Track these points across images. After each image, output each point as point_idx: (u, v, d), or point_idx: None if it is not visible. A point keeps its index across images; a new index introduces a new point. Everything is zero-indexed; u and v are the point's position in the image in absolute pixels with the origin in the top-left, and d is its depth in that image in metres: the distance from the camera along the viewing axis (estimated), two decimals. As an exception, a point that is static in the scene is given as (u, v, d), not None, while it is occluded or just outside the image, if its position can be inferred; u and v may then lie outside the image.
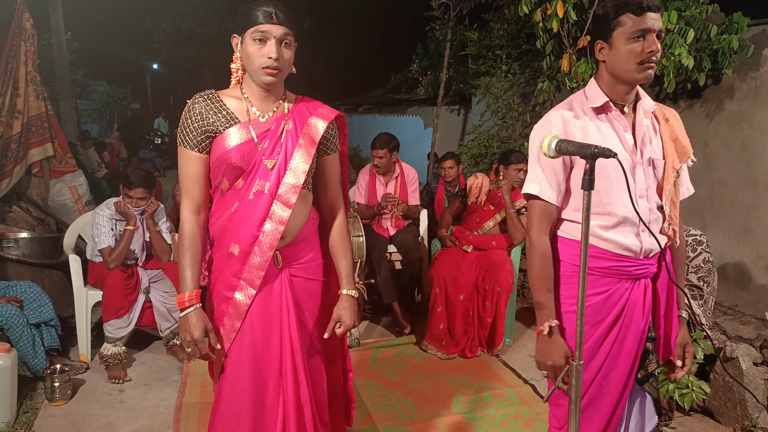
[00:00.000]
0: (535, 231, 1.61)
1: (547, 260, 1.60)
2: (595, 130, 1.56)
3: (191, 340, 1.58)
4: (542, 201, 1.59)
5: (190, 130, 1.61)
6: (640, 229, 1.58)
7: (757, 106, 3.77)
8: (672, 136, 1.62)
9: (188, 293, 1.60)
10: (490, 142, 5.78)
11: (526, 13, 4.32)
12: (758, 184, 3.78)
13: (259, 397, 1.65)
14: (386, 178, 4.37)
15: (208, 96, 1.65)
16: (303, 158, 1.65)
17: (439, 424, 2.77)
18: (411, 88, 11.61)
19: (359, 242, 3.67)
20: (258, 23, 1.54)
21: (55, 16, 8.48)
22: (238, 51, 1.63)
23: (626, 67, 1.49)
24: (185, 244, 1.63)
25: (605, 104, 1.56)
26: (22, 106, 4.72)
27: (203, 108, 1.61)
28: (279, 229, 1.61)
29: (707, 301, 2.83)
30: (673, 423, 2.76)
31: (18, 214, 4.57)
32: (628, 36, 1.47)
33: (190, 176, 1.64)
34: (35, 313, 3.21)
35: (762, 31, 3.74)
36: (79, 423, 2.80)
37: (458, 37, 6.55)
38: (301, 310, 1.73)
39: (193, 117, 1.61)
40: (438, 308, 3.67)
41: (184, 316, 1.59)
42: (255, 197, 1.61)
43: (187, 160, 1.63)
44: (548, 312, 1.58)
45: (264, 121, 1.64)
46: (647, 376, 1.68)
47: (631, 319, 1.61)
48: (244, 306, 1.62)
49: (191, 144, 1.61)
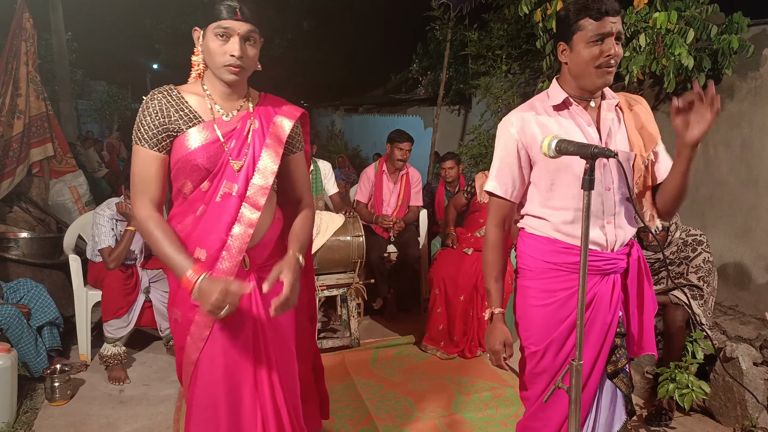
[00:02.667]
0: (489, 224, 1.72)
1: (497, 251, 1.71)
2: (557, 127, 1.58)
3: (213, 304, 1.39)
4: (497, 197, 1.68)
5: (148, 128, 1.51)
6: (605, 221, 1.60)
7: (757, 106, 3.77)
8: (637, 125, 1.62)
9: (189, 272, 1.45)
10: (490, 142, 5.78)
11: (526, 13, 4.32)
12: (758, 184, 3.78)
13: (236, 404, 1.59)
14: (393, 176, 4.40)
15: (167, 92, 1.55)
16: (271, 158, 1.58)
17: (439, 424, 2.77)
18: (411, 88, 11.62)
19: (359, 242, 3.68)
20: (221, 18, 1.46)
21: (55, 16, 8.49)
22: (199, 45, 1.55)
23: (585, 70, 1.52)
24: (160, 233, 1.49)
25: (565, 100, 1.59)
26: (24, 106, 4.73)
27: (163, 105, 1.52)
28: (248, 232, 1.53)
29: (707, 301, 2.83)
30: (673, 423, 2.76)
31: (18, 214, 4.57)
32: (587, 40, 1.50)
33: (148, 176, 1.53)
34: (41, 313, 3.22)
35: (762, 31, 3.73)
36: (79, 423, 2.80)
37: (458, 37, 6.56)
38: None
39: (152, 114, 1.51)
40: (438, 309, 3.67)
41: (198, 286, 1.42)
42: (222, 200, 1.54)
43: (145, 159, 1.52)
44: (493, 300, 1.72)
45: (228, 120, 1.56)
46: (617, 371, 1.69)
47: (597, 314, 1.64)
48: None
49: (150, 142, 1.51)
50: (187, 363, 1.58)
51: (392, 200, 4.43)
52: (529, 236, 1.70)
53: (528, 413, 1.75)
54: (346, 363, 3.48)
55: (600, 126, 1.60)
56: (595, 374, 1.67)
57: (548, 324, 1.65)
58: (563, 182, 1.58)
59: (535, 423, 1.73)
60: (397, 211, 4.40)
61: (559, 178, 1.59)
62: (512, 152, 1.63)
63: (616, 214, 1.61)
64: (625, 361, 1.69)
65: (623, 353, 1.69)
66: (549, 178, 1.60)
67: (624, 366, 1.69)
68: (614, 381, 1.70)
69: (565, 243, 1.62)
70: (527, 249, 1.70)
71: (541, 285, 1.66)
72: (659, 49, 3.70)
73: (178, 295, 1.59)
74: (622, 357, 1.68)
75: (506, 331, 1.68)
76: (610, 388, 1.74)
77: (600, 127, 1.60)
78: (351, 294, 3.68)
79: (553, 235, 1.63)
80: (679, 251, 2.92)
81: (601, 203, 1.58)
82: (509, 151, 1.64)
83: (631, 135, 1.61)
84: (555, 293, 1.64)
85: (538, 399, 1.69)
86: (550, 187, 1.61)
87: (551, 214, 1.62)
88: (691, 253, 2.89)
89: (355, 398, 3.03)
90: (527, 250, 1.69)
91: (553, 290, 1.64)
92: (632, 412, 1.76)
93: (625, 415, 1.76)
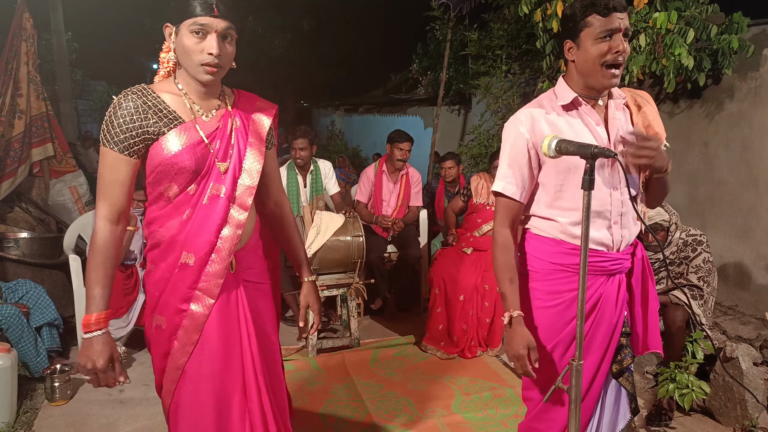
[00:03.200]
0: (498, 225, 1.65)
1: (509, 252, 1.64)
2: (567, 127, 1.57)
3: (92, 369, 1.41)
4: (505, 197, 1.63)
5: (120, 131, 1.42)
6: (612, 222, 1.60)
7: (757, 106, 3.77)
8: (644, 124, 1.62)
9: (95, 315, 1.42)
10: (490, 142, 5.79)
11: (526, 13, 4.32)
12: (758, 184, 3.78)
13: (225, 410, 1.56)
14: (393, 176, 4.40)
15: (142, 91, 1.46)
16: (255, 157, 1.55)
17: (439, 424, 2.77)
18: (411, 88, 11.62)
19: (359, 242, 3.68)
20: (196, 15, 1.38)
21: (55, 16, 8.48)
22: (171, 42, 1.47)
23: (593, 68, 1.51)
24: (97, 258, 1.44)
25: (574, 100, 1.58)
26: (25, 106, 4.73)
27: (138, 105, 1.43)
28: (237, 233, 1.51)
29: (707, 301, 2.83)
30: (673, 423, 2.76)
31: (18, 214, 4.57)
32: (595, 36, 1.49)
33: (115, 180, 1.46)
34: (40, 314, 3.22)
35: (762, 31, 3.74)
36: (79, 423, 2.80)
37: (458, 37, 6.56)
38: (258, 315, 1.64)
39: (125, 115, 1.42)
40: (438, 309, 3.67)
41: (88, 340, 1.41)
42: (210, 202, 1.49)
43: (113, 163, 1.45)
44: (510, 303, 1.61)
45: (208, 120, 1.50)
46: (622, 371, 1.69)
47: (603, 315, 1.63)
48: (202, 317, 1.50)
49: (121, 146, 1.43)
50: (173, 369, 1.53)
51: (392, 200, 4.43)
52: (534, 237, 1.68)
53: (531, 414, 1.74)
54: (346, 363, 3.48)
55: (608, 126, 1.59)
56: (600, 374, 1.66)
57: (554, 326, 1.64)
58: (572, 183, 1.56)
59: (538, 424, 1.72)
60: (397, 211, 4.40)
61: (568, 179, 1.57)
62: (522, 151, 1.59)
63: (623, 214, 1.60)
64: (630, 360, 1.69)
65: (628, 352, 1.69)
66: (558, 179, 1.58)
67: (629, 365, 1.69)
68: (619, 380, 1.70)
69: (571, 244, 1.59)
70: (533, 251, 1.67)
71: (547, 287, 1.64)
72: (659, 49, 3.70)
73: (161, 301, 1.53)
74: (627, 356, 1.68)
75: (528, 335, 1.58)
76: (614, 387, 1.74)
77: (608, 127, 1.59)
78: (351, 294, 3.68)
79: (559, 237, 1.61)
80: (679, 251, 2.92)
81: (610, 204, 1.58)
82: (519, 150, 1.59)
83: None
84: (561, 294, 1.63)
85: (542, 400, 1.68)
86: (560, 188, 1.58)
87: (559, 215, 1.60)
88: (691, 253, 2.89)
89: (355, 398, 3.03)
90: (533, 252, 1.67)
91: (559, 291, 1.63)
92: (636, 410, 1.76)
93: (629, 413, 1.76)
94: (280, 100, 18.59)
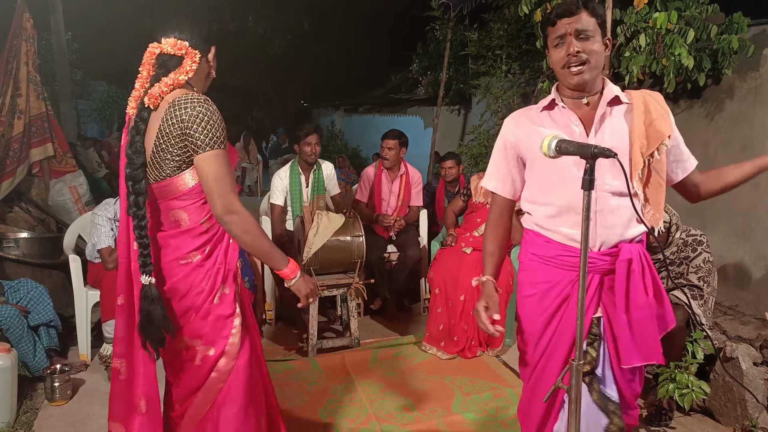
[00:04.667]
0: (490, 214, 1.88)
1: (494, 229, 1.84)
2: (547, 123, 1.70)
3: (312, 290, 1.83)
4: (493, 193, 1.83)
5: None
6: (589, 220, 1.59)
7: (757, 106, 3.77)
8: (646, 121, 1.63)
9: (288, 267, 1.76)
10: (490, 142, 5.78)
11: (526, 13, 4.31)
12: (758, 184, 3.78)
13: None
14: (392, 176, 4.41)
15: None
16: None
17: (439, 424, 2.77)
18: (411, 88, 11.61)
19: (359, 242, 3.67)
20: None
21: (55, 16, 8.46)
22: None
23: (559, 72, 1.66)
24: (262, 231, 1.72)
25: (550, 102, 1.71)
26: (24, 106, 4.73)
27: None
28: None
29: (707, 301, 2.83)
30: (673, 423, 2.76)
31: (18, 214, 4.57)
32: (552, 45, 1.66)
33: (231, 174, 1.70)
34: (37, 314, 3.21)
35: (762, 31, 3.74)
36: (79, 423, 2.80)
37: (458, 37, 6.56)
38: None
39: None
40: (438, 309, 3.67)
41: (299, 281, 1.79)
42: None
43: (226, 161, 1.68)
44: (485, 269, 1.82)
45: None
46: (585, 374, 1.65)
47: (573, 312, 1.63)
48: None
49: (225, 144, 1.67)
50: (231, 357, 1.77)
51: (392, 200, 4.43)
52: (525, 231, 1.80)
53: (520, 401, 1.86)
54: (346, 363, 3.48)
55: (585, 122, 1.65)
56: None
57: (530, 316, 1.73)
58: (547, 178, 1.67)
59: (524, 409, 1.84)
60: (397, 211, 4.40)
61: (542, 175, 1.68)
62: (500, 150, 1.79)
63: (598, 211, 1.60)
64: (588, 367, 1.65)
65: (589, 359, 1.65)
66: (534, 175, 1.71)
67: (590, 371, 1.66)
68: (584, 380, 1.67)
69: (545, 237, 1.69)
70: (523, 242, 1.81)
71: (528, 277, 1.75)
72: (659, 49, 3.70)
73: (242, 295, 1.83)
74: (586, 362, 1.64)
75: (491, 294, 1.73)
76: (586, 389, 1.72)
77: (585, 123, 1.65)
78: (351, 294, 3.67)
79: (535, 229, 1.73)
80: (679, 251, 2.92)
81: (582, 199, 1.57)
82: (497, 149, 1.80)
83: (634, 131, 1.61)
84: (536, 285, 1.71)
85: (525, 389, 1.80)
86: (535, 183, 1.72)
87: (534, 209, 1.72)
88: (691, 253, 2.89)
89: (355, 398, 3.03)
90: (523, 244, 1.81)
91: (535, 282, 1.71)
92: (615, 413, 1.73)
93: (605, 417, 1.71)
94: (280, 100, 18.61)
